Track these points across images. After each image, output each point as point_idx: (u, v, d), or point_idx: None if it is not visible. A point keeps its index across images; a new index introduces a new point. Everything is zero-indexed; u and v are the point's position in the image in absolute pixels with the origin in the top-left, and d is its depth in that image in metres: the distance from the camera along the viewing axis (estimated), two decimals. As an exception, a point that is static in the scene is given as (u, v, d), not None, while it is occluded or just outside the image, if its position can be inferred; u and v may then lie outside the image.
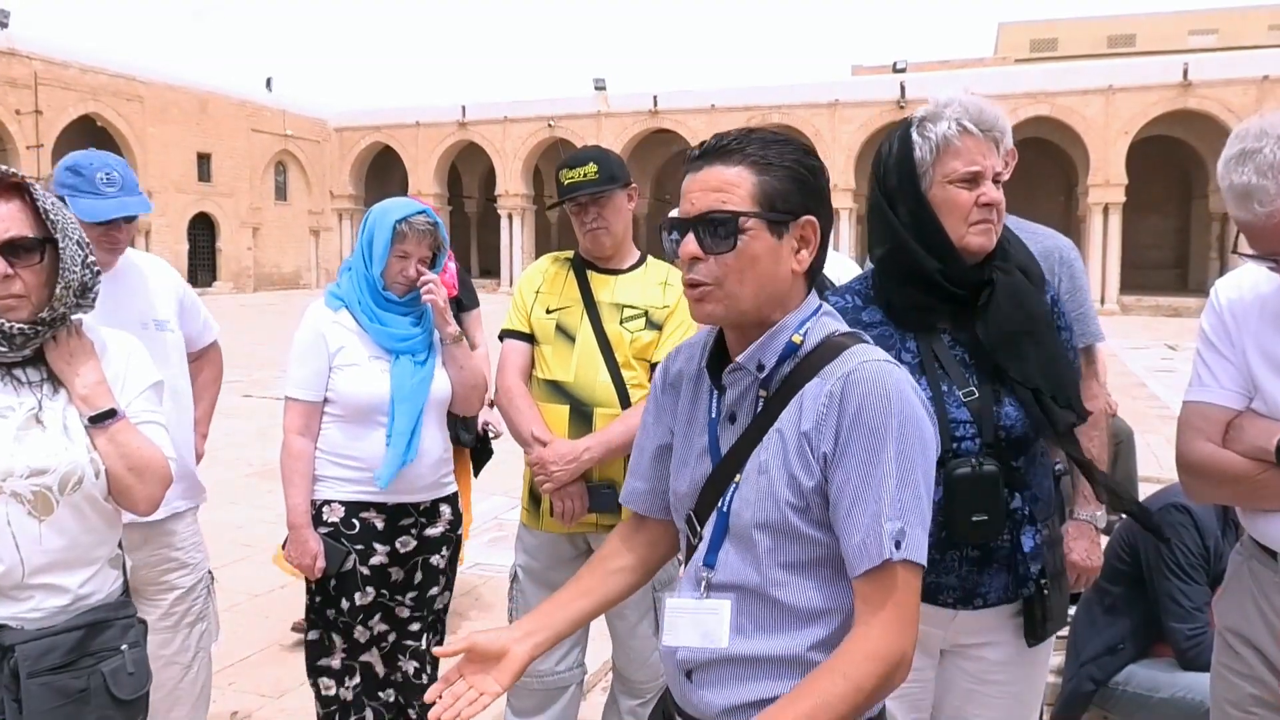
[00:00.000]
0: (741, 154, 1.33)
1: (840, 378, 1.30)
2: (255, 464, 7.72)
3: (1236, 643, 1.86)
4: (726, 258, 1.32)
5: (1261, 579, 1.81)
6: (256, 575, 5.04)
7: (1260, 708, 1.81)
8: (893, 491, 1.26)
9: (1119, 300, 28.01)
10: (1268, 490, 1.71)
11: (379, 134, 36.78)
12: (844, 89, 31.32)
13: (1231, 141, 1.63)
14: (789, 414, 1.34)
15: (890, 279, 1.88)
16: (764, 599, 1.35)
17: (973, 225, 1.80)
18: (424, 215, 2.63)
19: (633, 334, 2.59)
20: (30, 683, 1.62)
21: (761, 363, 1.37)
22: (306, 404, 2.64)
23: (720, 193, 1.32)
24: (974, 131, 1.79)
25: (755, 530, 1.34)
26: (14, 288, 1.69)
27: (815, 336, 1.37)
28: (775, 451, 1.34)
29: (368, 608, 2.67)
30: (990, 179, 1.80)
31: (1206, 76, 26.85)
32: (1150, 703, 2.90)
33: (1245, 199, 1.56)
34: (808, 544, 1.33)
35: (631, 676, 2.72)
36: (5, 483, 1.66)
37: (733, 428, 1.41)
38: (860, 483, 1.27)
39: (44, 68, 26.94)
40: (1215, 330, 1.82)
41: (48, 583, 1.71)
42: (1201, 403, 1.81)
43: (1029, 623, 1.87)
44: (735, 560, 1.38)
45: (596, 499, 2.56)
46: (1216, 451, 1.77)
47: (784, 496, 1.32)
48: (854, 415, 1.27)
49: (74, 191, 2.43)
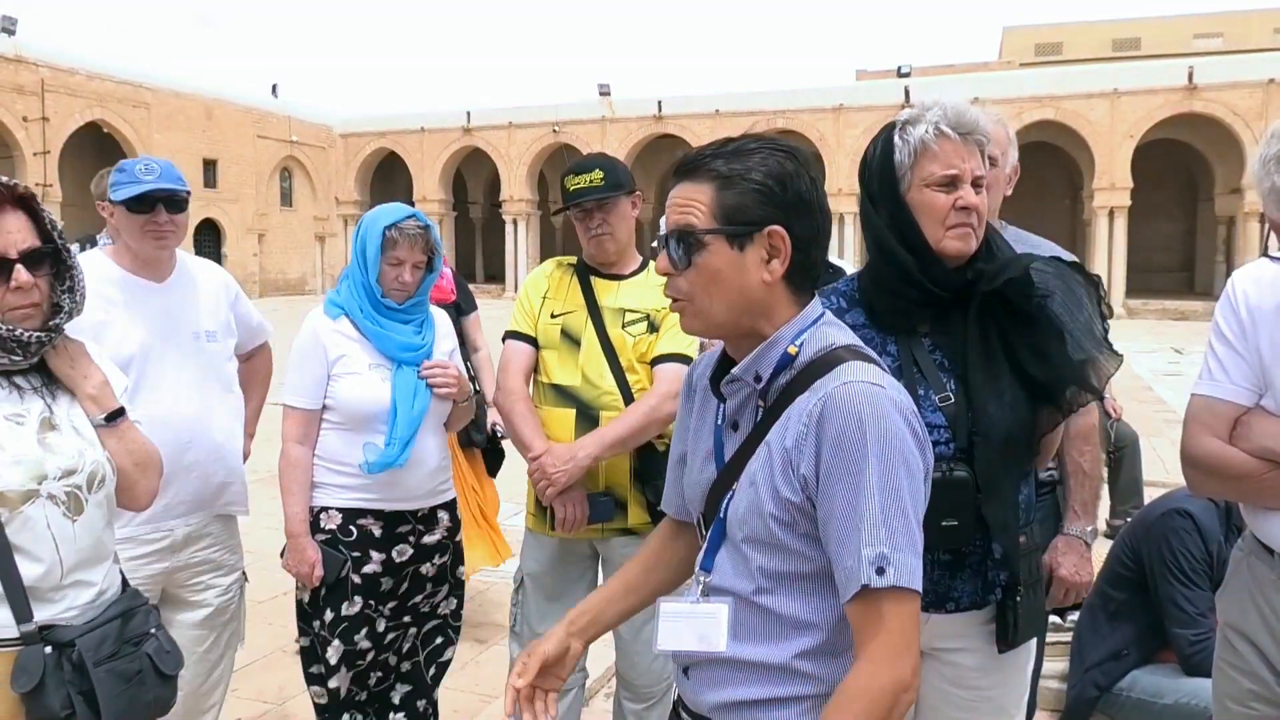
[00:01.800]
0: (705, 169, 1.36)
1: (821, 398, 1.29)
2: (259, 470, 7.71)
3: (1235, 638, 1.86)
4: (689, 273, 1.36)
5: (1260, 576, 1.81)
6: (259, 582, 5.01)
7: (1259, 703, 1.81)
8: (876, 517, 1.24)
9: (1125, 304, 27.94)
10: (1273, 490, 1.70)
11: (384, 140, 36.89)
12: (848, 93, 31.35)
13: (1270, 141, 1.62)
14: (777, 428, 1.36)
15: (873, 281, 1.89)
16: (753, 606, 1.38)
17: (950, 229, 1.78)
18: (414, 220, 2.61)
19: (635, 338, 2.61)
20: (98, 671, 1.70)
21: (758, 374, 1.38)
22: (305, 412, 2.64)
23: (685, 209, 1.36)
24: (951, 135, 1.78)
25: (743, 541, 1.37)
26: (33, 297, 1.75)
27: (812, 348, 1.37)
28: (763, 464, 1.36)
29: (357, 618, 2.63)
30: (969, 182, 1.78)
31: (1212, 80, 26.82)
32: (1154, 709, 2.89)
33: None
34: (792, 557, 1.34)
35: (636, 681, 2.71)
36: (42, 486, 1.71)
37: (735, 435, 1.43)
38: (843, 509, 1.27)
39: (51, 75, 27.07)
40: (1230, 324, 1.79)
41: (79, 579, 1.77)
42: (1211, 397, 1.79)
43: (1000, 629, 1.87)
44: (728, 566, 1.41)
45: (596, 508, 2.57)
46: (1223, 448, 1.75)
47: (768, 509, 1.33)
48: (833, 440, 1.27)
49: (117, 187, 2.57)
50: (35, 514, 1.70)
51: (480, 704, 3.72)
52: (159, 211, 2.56)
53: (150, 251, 2.60)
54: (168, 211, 2.58)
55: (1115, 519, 5.87)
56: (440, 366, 2.66)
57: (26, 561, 1.69)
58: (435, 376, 2.64)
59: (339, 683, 2.64)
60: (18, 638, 1.67)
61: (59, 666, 1.68)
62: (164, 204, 2.57)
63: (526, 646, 1.54)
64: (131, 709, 1.76)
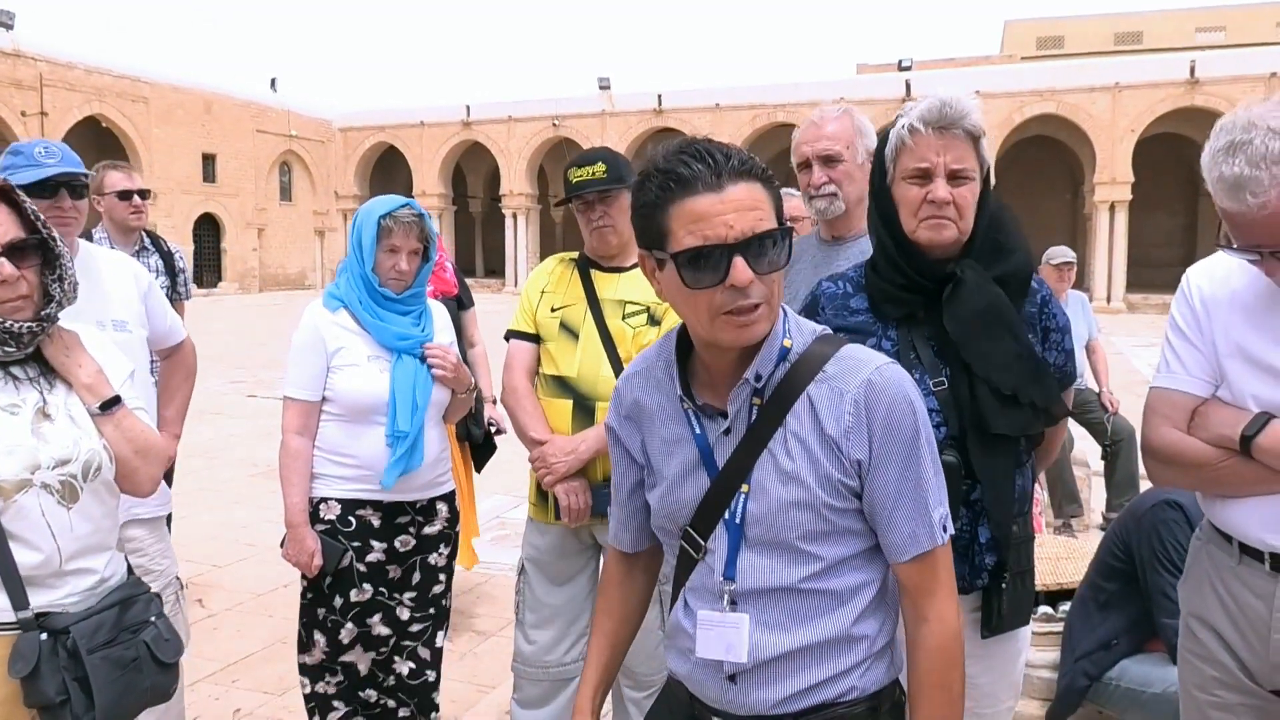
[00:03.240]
0: (754, 169, 1.34)
1: (860, 386, 1.35)
2: (260, 464, 7.77)
3: (1197, 626, 1.89)
4: (776, 275, 1.34)
5: (1219, 562, 1.84)
6: (259, 574, 5.09)
7: (1223, 689, 1.84)
8: (931, 481, 1.38)
9: (1125, 298, 27.96)
10: (1230, 477, 1.74)
11: (383, 134, 36.86)
12: (849, 87, 31.27)
13: (1217, 134, 1.65)
14: (802, 419, 1.38)
15: (871, 267, 1.99)
16: (799, 594, 1.40)
17: (922, 220, 1.86)
18: (408, 208, 2.68)
19: (635, 329, 2.64)
20: (92, 658, 1.72)
21: (759, 372, 1.38)
22: (304, 403, 2.67)
23: (756, 211, 1.31)
24: (922, 130, 1.85)
25: (798, 539, 1.38)
26: (20, 289, 1.76)
27: (799, 339, 1.42)
28: (801, 458, 1.37)
29: (365, 605, 2.69)
30: (943, 175, 1.84)
31: (1214, 74, 26.79)
32: (1143, 698, 2.91)
33: (1237, 190, 1.57)
34: (847, 538, 1.40)
35: (637, 668, 2.74)
36: (35, 475, 1.73)
37: (728, 439, 1.42)
38: (900, 481, 1.36)
39: (49, 69, 27.07)
40: (1185, 318, 1.85)
41: (79, 567, 1.79)
42: (1168, 389, 1.84)
43: (985, 614, 1.91)
44: (762, 566, 1.40)
45: (599, 499, 2.61)
46: (1181, 438, 1.79)
47: (822, 500, 1.36)
48: (884, 423, 1.35)
49: (13, 170, 2.47)
50: (29, 503, 1.72)
51: (478, 694, 3.75)
52: (62, 197, 2.47)
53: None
54: (70, 197, 2.49)
55: (1111, 512, 5.90)
56: (441, 349, 2.72)
57: (23, 549, 1.71)
58: (435, 357, 2.69)
59: (354, 658, 2.71)
60: (14, 623, 1.69)
61: (54, 653, 1.70)
62: (66, 189, 2.48)
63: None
64: (126, 696, 1.77)
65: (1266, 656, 1.76)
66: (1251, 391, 1.73)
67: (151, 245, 4.25)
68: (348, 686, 2.75)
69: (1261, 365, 1.72)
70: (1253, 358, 1.73)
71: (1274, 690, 1.79)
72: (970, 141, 1.86)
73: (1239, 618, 1.80)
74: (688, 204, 1.30)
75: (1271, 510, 1.71)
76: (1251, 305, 1.76)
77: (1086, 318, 6.12)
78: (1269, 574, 1.74)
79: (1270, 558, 1.74)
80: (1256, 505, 1.73)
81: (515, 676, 2.82)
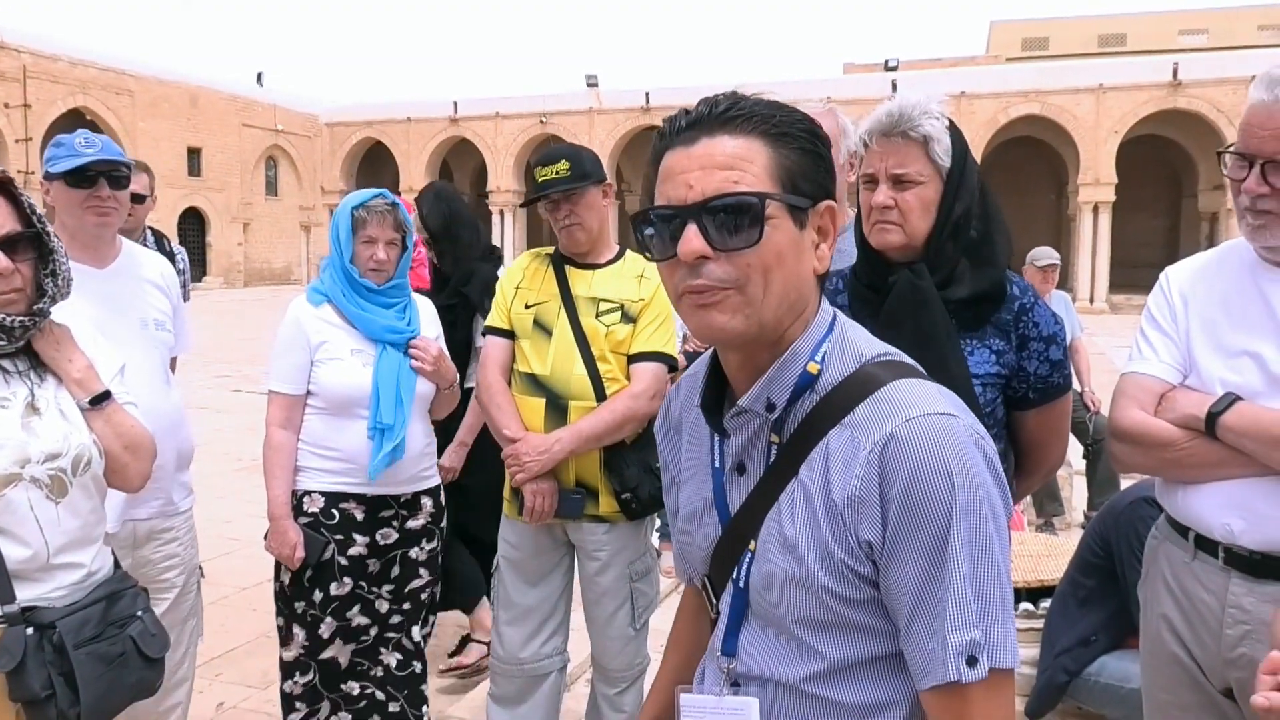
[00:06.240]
0: (749, 119, 1.03)
1: (880, 440, 0.99)
2: (244, 459, 7.74)
3: (1157, 625, 1.91)
4: (748, 254, 1.00)
5: (1173, 559, 1.87)
6: (244, 569, 5.07)
7: (1184, 689, 1.86)
8: (964, 592, 0.97)
9: (1108, 299, 28.13)
10: (1193, 459, 1.76)
11: (370, 129, 36.70)
12: (836, 86, 31.30)
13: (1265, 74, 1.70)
14: (813, 473, 1.05)
15: (852, 269, 2.07)
16: (803, 698, 1.08)
17: (872, 225, 1.92)
18: (381, 198, 2.70)
19: (608, 327, 2.62)
20: (78, 653, 1.72)
21: (771, 401, 1.07)
22: (288, 397, 2.68)
23: (731, 170, 1.01)
24: (867, 139, 1.91)
25: (794, 623, 1.07)
26: (15, 282, 1.76)
27: (836, 363, 1.07)
28: (804, 523, 1.05)
29: (344, 599, 2.70)
30: (885, 180, 1.88)
31: (1196, 76, 26.99)
32: (1121, 693, 2.94)
33: (1273, 84, 1.63)
34: (864, 637, 1.05)
35: (609, 665, 2.76)
36: (24, 469, 1.73)
37: (741, 480, 1.12)
38: (919, 583, 0.98)
39: (33, 61, 26.82)
40: (1161, 310, 1.90)
41: (66, 561, 1.79)
42: (1138, 373, 1.87)
43: None
44: (762, 649, 1.11)
45: (565, 504, 2.61)
46: (1147, 419, 1.82)
47: (821, 582, 1.03)
48: (902, 498, 0.97)
49: (54, 161, 2.47)
50: (17, 497, 1.71)
51: (466, 686, 3.76)
52: (101, 186, 2.44)
53: (91, 230, 2.46)
54: (110, 187, 2.47)
55: (1092, 510, 5.95)
56: (424, 342, 2.74)
57: (11, 543, 1.71)
58: (415, 349, 2.71)
59: (334, 652, 2.71)
60: (0, 617, 1.69)
61: (40, 647, 1.69)
62: (106, 178, 2.46)
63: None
64: (112, 690, 1.77)
65: (1218, 652, 1.78)
66: (1219, 376, 1.76)
67: (155, 245, 4.14)
68: (314, 688, 2.73)
69: (1231, 351, 1.76)
70: (1223, 344, 1.77)
71: (1224, 690, 1.80)
72: (919, 146, 1.86)
73: (1192, 614, 1.82)
74: (664, 160, 1.06)
75: (1230, 492, 1.74)
76: (1226, 293, 1.80)
77: (1069, 318, 6.16)
78: (1222, 568, 1.77)
79: (1224, 551, 1.76)
80: (1216, 488, 1.76)
81: (491, 672, 2.84)
